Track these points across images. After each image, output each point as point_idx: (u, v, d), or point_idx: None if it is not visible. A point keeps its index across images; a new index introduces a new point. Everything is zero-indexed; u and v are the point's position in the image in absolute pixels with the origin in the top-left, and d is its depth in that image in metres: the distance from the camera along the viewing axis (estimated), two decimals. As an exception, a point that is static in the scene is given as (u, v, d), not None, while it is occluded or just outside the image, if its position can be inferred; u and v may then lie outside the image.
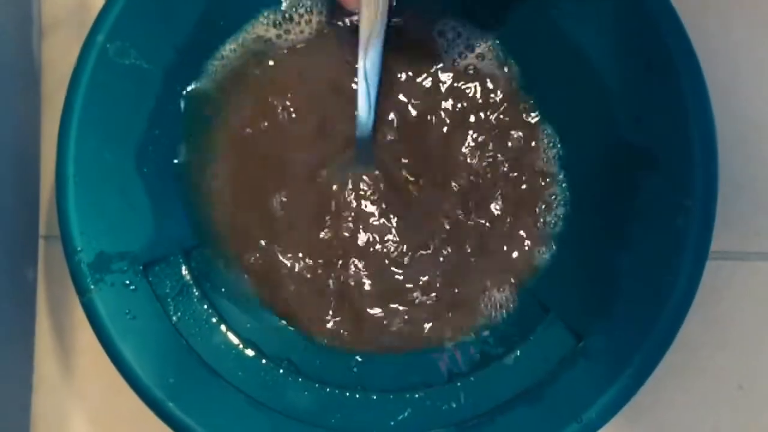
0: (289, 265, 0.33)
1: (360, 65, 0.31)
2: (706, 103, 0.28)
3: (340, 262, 0.33)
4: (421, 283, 0.33)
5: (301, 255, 0.33)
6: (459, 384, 0.31)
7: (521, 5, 0.32)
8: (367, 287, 0.33)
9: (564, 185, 0.33)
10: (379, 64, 0.32)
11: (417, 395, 0.31)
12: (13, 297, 0.34)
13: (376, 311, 0.33)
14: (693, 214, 0.29)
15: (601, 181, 0.32)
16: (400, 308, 0.33)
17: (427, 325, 0.33)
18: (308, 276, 0.33)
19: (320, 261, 0.33)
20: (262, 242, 0.33)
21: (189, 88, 0.33)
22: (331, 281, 0.33)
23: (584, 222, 0.32)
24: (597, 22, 0.30)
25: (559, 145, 0.33)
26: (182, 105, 0.33)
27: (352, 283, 0.33)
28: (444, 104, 0.34)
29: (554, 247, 0.33)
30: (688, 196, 0.29)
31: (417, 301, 0.33)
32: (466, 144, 0.33)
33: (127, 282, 0.30)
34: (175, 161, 0.33)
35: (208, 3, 0.31)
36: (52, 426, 0.35)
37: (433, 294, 0.33)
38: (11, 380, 0.34)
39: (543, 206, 0.33)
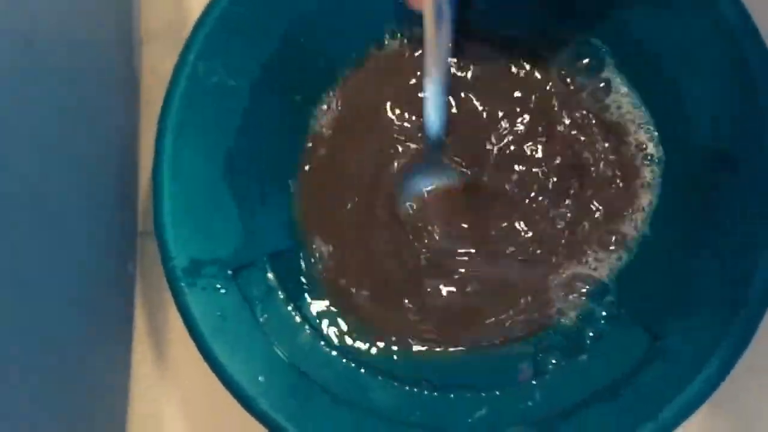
0: (368, 267, 0.34)
1: (427, 66, 0.31)
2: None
3: (423, 265, 0.34)
4: (498, 282, 0.34)
5: (380, 258, 0.34)
6: (535, 383, 0.32)
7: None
8: (444, 292, 0.34)
9: (644, 189, 0.33)
10: (447, 66, 0.31)
11: (494, 394, 0.32)
12: (115, 289, 0.36)
13: (453, 313, 0.34)
14: (770, 216, 0.29)
15: (681, 184, 0.32)
16: (478, 308, 0.34)
17: (504, 325, 0.33)
18: (388, 281, 0.34)
19: (402, 264, 0.34)
20: (343, 245, 0.34)
21: (274, 102, 0.34)
22: (410, 285, 0.34)
23: (663, 223, 0.33)
24: (673, 31, 0.31)
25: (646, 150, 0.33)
26: (268, 117, 0.34)
27: (432, 288, 0.34)
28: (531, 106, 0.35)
29: (633, 247, 0.33)
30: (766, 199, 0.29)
31: (494, 301, 0.34)
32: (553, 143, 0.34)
33: (218, 286, 0.32)
34: (261, 173, 0.34)
35: (291, 22, 0.33)
36: (147, 409, 0.36)
37: (510, 294, 0.34)
38: (113, 367, 0.36)
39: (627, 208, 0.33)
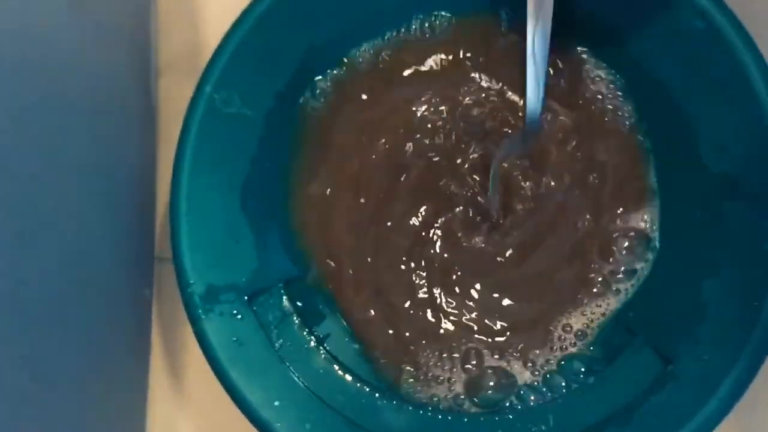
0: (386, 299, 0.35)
1: (528, 44, 0.30)
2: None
3: (436, 290, 0.34)
4: (509, 304, 0.34)
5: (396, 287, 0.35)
6: (548, 407, 0.32)
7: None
8: (457, 315, 0.34)
9: (655, 212, 0.34)
10: (548, 44, 0.30)
11: (507, 417, 0.32)
12: (132, 315, 0.36)
13: (468, 340, 0.34)
14: (779, 239, 0.29)
15: (689, 209, 0.32)
16: (490, 331, 0.34)
17: (516, 349, 0.34)
18: (395, 310, 0.34)
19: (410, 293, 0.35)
20: (358, 276, 0.35)
21: (289, 131, 0.35)
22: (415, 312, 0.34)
23: (673, 248, 0.33)
24: (677, 55, 0.31)
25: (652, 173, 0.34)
26: (283, 146, 0.35)
27: (443, 309, 0.34)
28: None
29: (643, 272, 0.34)
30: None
31: (504, 325, 0.34)
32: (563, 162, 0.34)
33: (235, 312, 0.32)
34: (276, 199, 0.35)
35: (305, 54, 0.34)
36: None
37: (522, 316, 0.34)
38: (130, 392, 0.36)
39: (633, 232, 0.34)
